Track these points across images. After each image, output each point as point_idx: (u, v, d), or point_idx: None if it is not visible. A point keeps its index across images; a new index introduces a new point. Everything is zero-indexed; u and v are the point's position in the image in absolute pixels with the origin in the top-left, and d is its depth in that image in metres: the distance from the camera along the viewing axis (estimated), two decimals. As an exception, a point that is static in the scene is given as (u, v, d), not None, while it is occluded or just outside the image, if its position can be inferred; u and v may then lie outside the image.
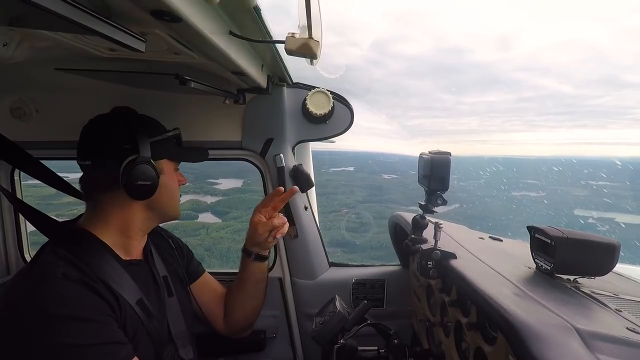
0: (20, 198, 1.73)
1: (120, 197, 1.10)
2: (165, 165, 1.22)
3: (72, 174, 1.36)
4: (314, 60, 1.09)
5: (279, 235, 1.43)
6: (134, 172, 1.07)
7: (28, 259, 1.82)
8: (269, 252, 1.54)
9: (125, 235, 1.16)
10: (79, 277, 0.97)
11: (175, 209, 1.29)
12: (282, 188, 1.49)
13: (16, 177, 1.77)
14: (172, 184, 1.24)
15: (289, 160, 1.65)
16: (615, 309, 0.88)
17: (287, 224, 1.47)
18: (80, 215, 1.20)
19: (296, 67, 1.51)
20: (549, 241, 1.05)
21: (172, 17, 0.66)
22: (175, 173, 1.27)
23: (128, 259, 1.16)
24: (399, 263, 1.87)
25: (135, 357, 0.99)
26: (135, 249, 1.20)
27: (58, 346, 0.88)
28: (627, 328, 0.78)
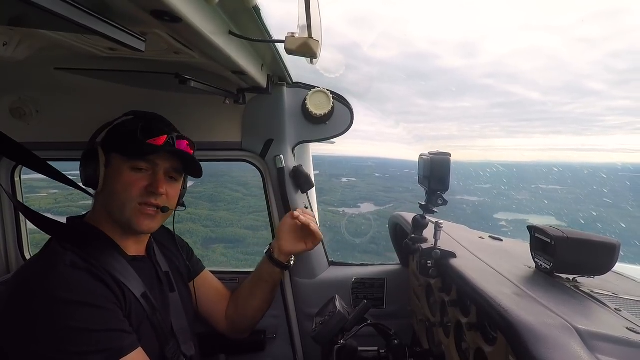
0: (21, 198, 1.73)
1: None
2: (115, 159, 1.11)
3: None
4: (314, 60, 1.10)
5: (314, 228, 1.51)
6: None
7: (28, 257, 1.82)
8: (292, 260, 1.58)
9: (115, 232, 1.15)
10: (85, 266, 0.99)
11: (122, 213, 1.09)
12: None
13: (16, 178, 1.77)
14: (117, 182, 1.09)
15: (289, 161, 1.65)
16: (615, 309, 0.88)
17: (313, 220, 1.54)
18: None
19: (296, 66, 1.51)
20: (549, 240, 1.05)
21: (172, 17, 0.66)
22: (131, 173, 1.10)
23: (132, 255, 1.17)
24: (399, 262, 1.87)
25: (140, 348, 1.00)
26: (134, 246, 1.20)
27: (64, 329, 0.89)
28: (627, 328, 0.77)
